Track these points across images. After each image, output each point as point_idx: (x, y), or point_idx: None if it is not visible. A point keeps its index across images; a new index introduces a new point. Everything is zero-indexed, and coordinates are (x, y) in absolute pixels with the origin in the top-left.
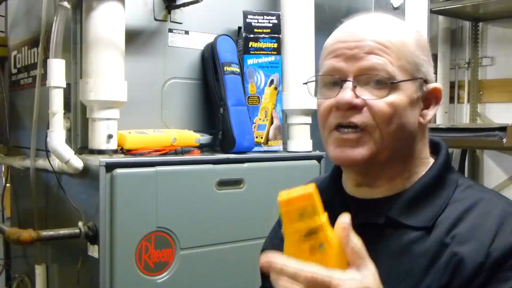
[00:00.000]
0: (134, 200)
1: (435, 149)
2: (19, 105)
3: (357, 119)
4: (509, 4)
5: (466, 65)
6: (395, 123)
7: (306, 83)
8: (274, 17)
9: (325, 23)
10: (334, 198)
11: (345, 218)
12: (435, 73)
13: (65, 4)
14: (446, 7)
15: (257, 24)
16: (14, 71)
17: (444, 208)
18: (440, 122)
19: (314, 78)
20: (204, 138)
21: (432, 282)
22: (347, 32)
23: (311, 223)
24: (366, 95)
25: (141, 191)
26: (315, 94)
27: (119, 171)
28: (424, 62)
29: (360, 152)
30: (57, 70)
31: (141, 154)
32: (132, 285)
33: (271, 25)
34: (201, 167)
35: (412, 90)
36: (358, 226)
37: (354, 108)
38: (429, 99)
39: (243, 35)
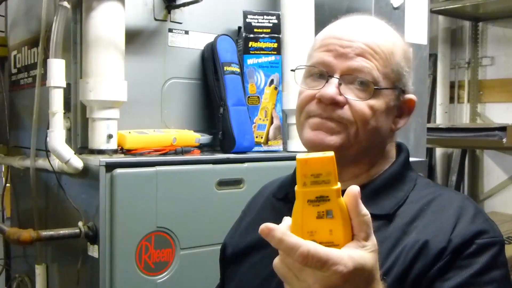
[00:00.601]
0: (134, 200)
1: (397, 149)
2: (19, 105)
3: (337, 114)
4: (509, 4)
5: (466, 65)
6: (371, 125)
7: (294, 70)
8: (274, 17)
9: (325, 23)
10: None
11: (355, 188)
12: (435, 72)
13: (65, 4)
14: (446, 7)
15: (257, 24)
16: (14, 71)
17: (405, 200)
18: (440, 122)
19: (303, 67)
20: (204, 138)
21: (392, 266)
22: (342, 30)
23: (325, 188)
24: (349, 94)
25: (141, 191)
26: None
27: (119, 171)
28: (406, 74)
29: (333, 139)
30: (57, 70)
31: (141, 154)
32: (132, 285)
33: (271, 25)
34: (201, 167)
35: (391, 98)
36: None
37: (336, 104)
38: (403, 108)
39: (243, 35)
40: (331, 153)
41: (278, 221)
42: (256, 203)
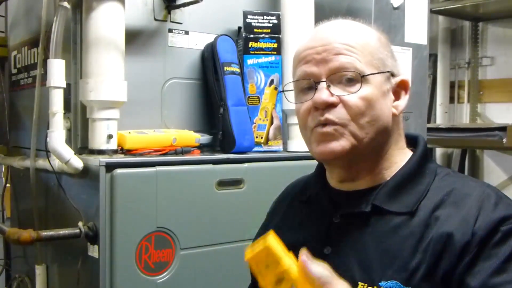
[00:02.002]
0: (134, 200)
1: (413, 141)
2: (19, 105)
3: (332, 115)
4: (509, 4)
5: (466, 65)
6: (369, 115)
7: (283, 91)
8: (274, 17)
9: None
10: (320, 193)
11: (303, 255)
12: (435, 73)
13: (65, 4)
14: (446, 7)
15: (257, 24)
16: (14, 71)
17: (426, 194)
18: (440, 122)
19: (290, 86)
20: (204, 138)
21: (421, 261)
22: (314, 39)
23: (277, 271)
24: (339, 92)
25: (141, 191)
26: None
27: (119, 171)
28: (388, 57)
29: (341, 143)
30: (57, 70)
31: (141, 154)
32: (132, 285)
33: (271, 25)
34: (201, 167)
35: (381, 82)
36: (344, 216)
37: (331, 106)
38: (398, 91)
39: (243, 35)
40: (269, 239)
41: (302, 225)
42: (281, 207)
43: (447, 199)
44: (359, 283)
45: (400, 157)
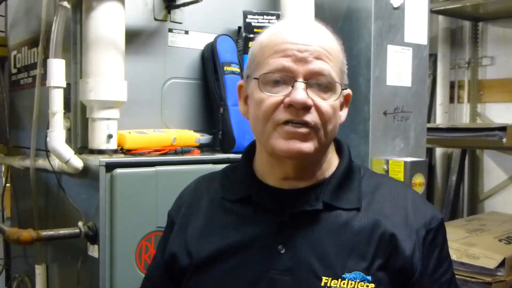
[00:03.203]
0: (134, 200)
1: (337, 144)
2: (19, 105)
3: (309, 118)
4: (509, 4)
5: (466, 65)
6: (333, 124)
7: (257, 78)
8: (274, 17)
9: (325, 23)
10: (259, 192)
11: None
12: (435, 72)
13: (65, 4)
14: (446, 7)
15: (257, 24)
16: (14, 71)
17: (360, 190)
18: (440, 122)
19: (267, 75)
20: (204, 138)
21: (376, 253)
22: (295, 35)
23: None
24: (315, 97)
25: (141, 191)
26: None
27: (119, 171)
28: (346, 70)
29: (309, 146)
30: (57, 70)
31: (141, 154)
32: (132, 285)
33: (271, 25)
34: (201, 167)
35: (340, 94)
36: (292, 215)
37: (306, 108)
38: (343, 103)
39: (243, 35)
40: None
41: (242, 225)
42: (197, 207)
43: (383, 199)
44: (323, 277)
45: (334, 158)
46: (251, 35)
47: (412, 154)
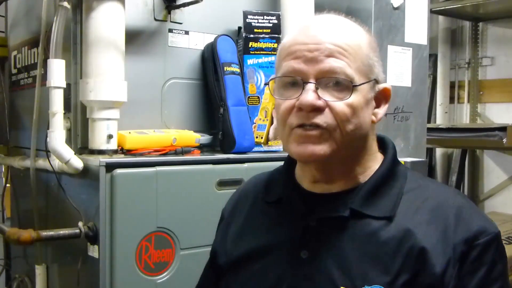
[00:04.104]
0: (134, 200)
1: (381, 143)
2: (19, 105)
3: (319, 119)
4: (509, 4)
5: (466, 65)
6: (354, 123)
7: (267, 84)
8: (274, 17)
9: None
10: (292, 195)
11: None
12: (435, 73)
13: (65, 4)
14: (446, 7)
15: (257, 24)
16: (14, 71)
17: (400, 197)
18: (440, 122)
19: (277, 79)
20: (204, 138)
21: (402, 267)
22: (306, 35)
23: None
24: (328, 96)
25: (141, 191)
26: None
27: (119, 171)
28: (376, 63)
29: (323, 148)
30: (57, 70)
31: (141, 154)
32: (132, 285)
33: (271, 25)
34: (201, 167)
35: (367, 90)
36: (319, 220)
37: (317, 110)
38: (380, 98)
39: (243, 35)
40: None
41: (273, 228)
42: (242, 206)
43: (423, 206)
44: (341, 287)
45: (373, 162)
46: (251, 35)
47: (412, 154)
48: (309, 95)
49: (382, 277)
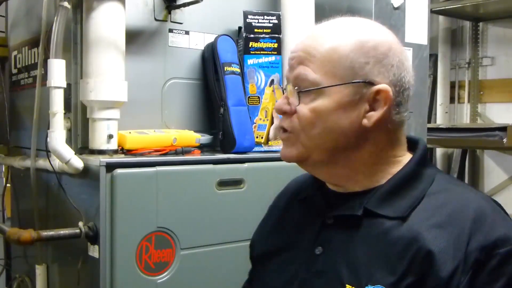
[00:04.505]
0: (134, 200)
1: (413, 146)
2: (19, 105)
3: (285, 123)
4: (509, 4)
5: (467, 65)
6: (320, 127)
7: (284, 89)
8: (274, 17)
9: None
10: (315, 194)
11: None
12: (435, 73)
13: (66, 4)
14: (446, 7)
15: (257, 24)
16: (14, 71)
17: (421, 200)
18: (440, 122)
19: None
20: (204, 138)
21: (408, 269)
22: (296, 43)
23: None
24: (294, 101)
25: (142, 191)
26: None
27: (119, 171)
28: (366, 65)
29: (291, 151)
30: (57, 70)
31: (141, 154)
32: (132, 285)
33: (271, 25)
34: (201, 167)
35: (344, 94)
36: (337, 218)
37: (285, 114)
38: (376, 100)
39: (244, 35)
40: None
41: (297, 224)
42: (280, 203)
43: (441, 209)
44: (347, 285)
45: (394, 166)
46: (252, 35)
47: None
48: (280, 100)
49: (387, 278)
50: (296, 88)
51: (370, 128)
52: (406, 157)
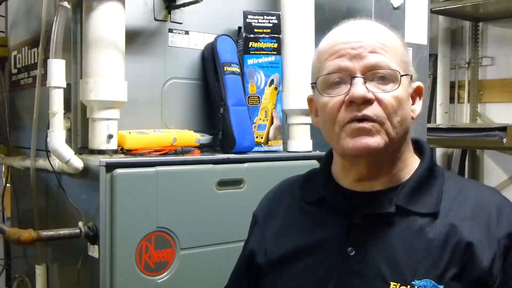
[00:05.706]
0: (134, 200)
1: (417, 145)
2: (19, 105)
3: (369, 111)
4: (509, 4)
5: (466, 65)
6: (400, 115)
7: (315, 83)
8: (274, 17)
9: (325, 23)
10: (333, 194)
11: None
12: (435, 73)
13: (65, 4)
14: (446, 7)
15: (257, 24)
16: (14, 71)
17: (441, 195)
18: (440, 122)
19: (321, 79)
20: (204, 138)
21: (450, 261)
22: (347, 34)
23: None
24: (375, 89)
25: (141, 191)
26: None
27: (119, 171)
28: (410, 61)
29: (377, 140)
30: (57, 70)
31: (141, 154)
32: (132, 285)
33: (271, 25)
34: (201, 167)
35: (407, 85)
36: (366, 217)
37: (367, 102)
38: (414, 96)
39: (243, 35)
40: None
41: (316, 226)
42: (278, 208)
43: (465, 202)
44: (391, 283)
45: (411, 159)
46: (251, 35)
47: None
48: (360, 88)
49: (431, 272)
50: (382, 75)
51: (411, 122)
52: (415, 154)
